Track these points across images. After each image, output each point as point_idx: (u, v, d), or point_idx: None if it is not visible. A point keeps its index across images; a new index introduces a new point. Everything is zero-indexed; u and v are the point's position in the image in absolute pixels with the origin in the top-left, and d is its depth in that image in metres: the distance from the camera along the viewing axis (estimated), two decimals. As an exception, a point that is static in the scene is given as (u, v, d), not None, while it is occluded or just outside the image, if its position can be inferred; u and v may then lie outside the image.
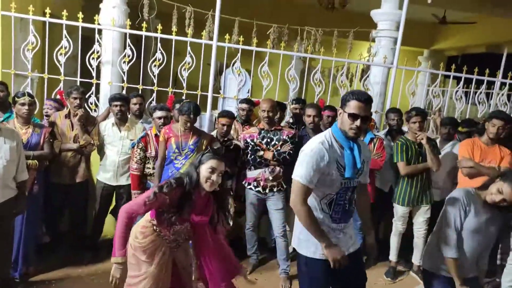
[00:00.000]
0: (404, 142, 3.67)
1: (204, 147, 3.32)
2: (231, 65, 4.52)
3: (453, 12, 7.81)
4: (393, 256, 3.87)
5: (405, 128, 4.08)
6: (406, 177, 3.65)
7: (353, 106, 1.97)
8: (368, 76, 5.05)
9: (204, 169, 2.13)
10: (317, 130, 3.57)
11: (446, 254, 2.29)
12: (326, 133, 2.14)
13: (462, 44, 9.79)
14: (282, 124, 4.13)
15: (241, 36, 4.61)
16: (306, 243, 2.16)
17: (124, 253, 2.10)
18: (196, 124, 3.58)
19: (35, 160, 3.11)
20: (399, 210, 3.73)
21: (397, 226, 3.78)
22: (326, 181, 2.06)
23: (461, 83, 5.04)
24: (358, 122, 1.95)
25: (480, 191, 2.29)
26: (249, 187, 3.56)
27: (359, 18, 5.91)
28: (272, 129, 3.53)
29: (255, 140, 3.52)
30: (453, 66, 4.96)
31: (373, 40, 5.71)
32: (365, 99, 1.96)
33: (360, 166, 2.05)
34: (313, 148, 2.04)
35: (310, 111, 3.68)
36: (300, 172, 2.03)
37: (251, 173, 3.53)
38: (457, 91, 5.11)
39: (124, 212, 2.08)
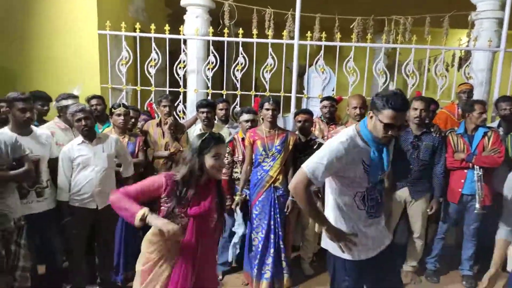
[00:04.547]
0: (522, 134, 3.16)
1: (290, 146, 3.19)
2: (314, 63, 4.36)
3: None
4: None
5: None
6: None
7: (388, 115, 1.78)
8: (468, 64, 4.50)
9: (209, 158, 1.96)
10: (421, 124, 3.24)
11: None
12: (350, 131, 1.93)
13: None
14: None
15: (323, 33, 4.43)
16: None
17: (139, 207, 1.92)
18: (281, 126, 3.47)
19: (132, 168, 3.26)
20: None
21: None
22: (355, 181, 1.94)
23: None
24: (394, 132, 1.81)
25: None
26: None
27: (452, 2, 5.33)
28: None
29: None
30: None
31: (472, 25, 5.11)
32: (403, 108, 1.79)
33: (387, 168, 1.95)
34: (332, 146, 1.89)
35: (417, 104, 3.23)
36: (310, 164, 1.89)
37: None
38: None
39: (119, 191, 2.00)
